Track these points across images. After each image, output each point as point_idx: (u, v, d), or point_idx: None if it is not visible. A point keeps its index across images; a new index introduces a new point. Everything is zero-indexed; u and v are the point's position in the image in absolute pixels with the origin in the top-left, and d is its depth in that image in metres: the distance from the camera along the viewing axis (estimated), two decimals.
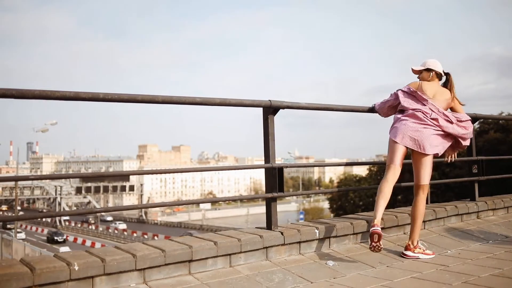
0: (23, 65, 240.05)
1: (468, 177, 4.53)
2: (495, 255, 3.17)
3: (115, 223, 62.08)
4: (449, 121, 3.19)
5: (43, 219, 64.47)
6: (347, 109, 3.72)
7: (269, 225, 3.06)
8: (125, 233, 53.03)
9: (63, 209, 66.27)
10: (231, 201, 71.09)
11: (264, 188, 3.16)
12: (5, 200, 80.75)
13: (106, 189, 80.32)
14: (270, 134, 3.11)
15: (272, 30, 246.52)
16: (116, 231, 55.19)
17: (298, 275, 2.68)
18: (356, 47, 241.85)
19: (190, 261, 2.55)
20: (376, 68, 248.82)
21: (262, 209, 3.42)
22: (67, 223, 65.54)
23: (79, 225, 63.84)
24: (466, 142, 3.34)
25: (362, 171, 60.29)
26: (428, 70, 3.36)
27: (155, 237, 45.75)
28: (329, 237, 3.17)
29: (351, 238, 3.30)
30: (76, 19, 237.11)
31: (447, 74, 3.40)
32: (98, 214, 62.32)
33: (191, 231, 53.53)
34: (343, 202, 44.75)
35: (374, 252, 2.88)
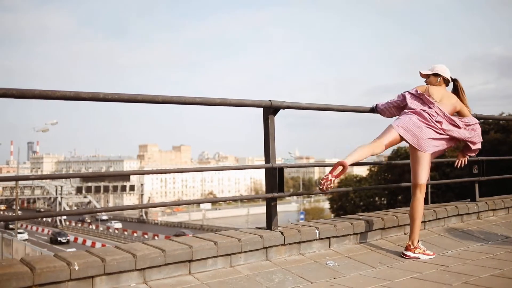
0: (24, 65, 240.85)
1: (469, 178, 4.53)
2: (496, 256, 3.17)
3: (111, 222, 62.08)
4: (455, 125, 3.19)
5: (43, 219, 64.47)
6: (348, 110, 3.72)
7: (269, 225, 3.06)
8: (125, 233, 53.03)
9: (64, 209, 66.28)
10: (232, 201, 71.01)
11: (265, 188, 3.16)
12: (6, 200, 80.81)
13: (107, 189, 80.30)
14: (271, 134, 3.11)
15: (272, 30, 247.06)
16: (117, 231, 55.22)
17: (298, 275, 2.68)
18: (356, 47, 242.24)
19: (190, 261, 2.55)
20: (376, 68, 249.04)
21: (263, 209, 3.42)
22: (67, 223, 65.54)
23: (79, 225, 63.83)
24: (477, 146, 3.33)
25: (363, 171, 60.33)
26: (436, 75, 3.36)
27: (156, 237, 45.73)
28: (329, 237, 3.17)
29: (351, 238, 3.30)
30: (76, 19, 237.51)
31: (455, 80, 3.41)
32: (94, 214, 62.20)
33: (184, 230, 53.75)
34: (344, 202, 44.82)
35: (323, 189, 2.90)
